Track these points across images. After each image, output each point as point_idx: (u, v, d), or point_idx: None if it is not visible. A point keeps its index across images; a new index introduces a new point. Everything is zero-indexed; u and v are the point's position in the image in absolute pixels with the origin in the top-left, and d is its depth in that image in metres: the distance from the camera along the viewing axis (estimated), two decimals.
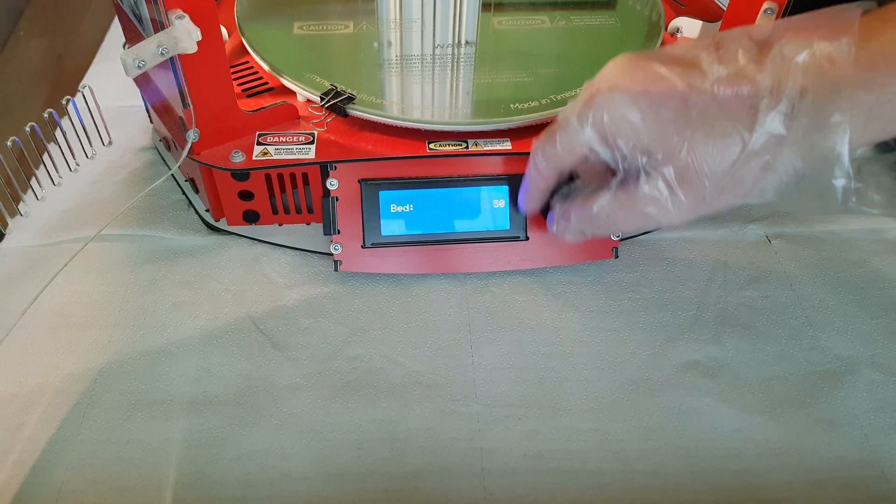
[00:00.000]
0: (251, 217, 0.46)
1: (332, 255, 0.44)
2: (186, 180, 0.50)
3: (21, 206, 0.42)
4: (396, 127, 0.44)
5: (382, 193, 0.44)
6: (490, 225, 0.44)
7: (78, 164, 0.45)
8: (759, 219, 0.50)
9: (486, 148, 0.44)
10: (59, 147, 0.43)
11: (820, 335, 0.43)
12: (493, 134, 0.45)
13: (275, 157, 0.43)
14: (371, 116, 0.44)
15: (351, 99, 0.44)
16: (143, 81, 0.47)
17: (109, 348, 0.41)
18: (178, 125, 0.43)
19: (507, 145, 0.44)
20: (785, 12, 0.41)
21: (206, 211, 0.48)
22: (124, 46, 0.48)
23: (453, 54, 0.50)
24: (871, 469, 0.37)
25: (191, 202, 0.49)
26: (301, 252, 0.47)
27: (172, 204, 0.50)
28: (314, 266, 0.46)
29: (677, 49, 0.34)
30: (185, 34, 0.37)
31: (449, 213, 0.44)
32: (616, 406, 0.40)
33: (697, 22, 0.53)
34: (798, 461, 0.38)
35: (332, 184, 0.43)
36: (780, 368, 0.42)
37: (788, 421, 0.39)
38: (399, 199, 0.44)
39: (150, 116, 0.54)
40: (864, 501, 0.36)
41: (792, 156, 0.31)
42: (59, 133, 0.43)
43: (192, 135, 0.41)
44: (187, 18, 0.36)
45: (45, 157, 0.43)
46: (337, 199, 0.44)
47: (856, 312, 0.45)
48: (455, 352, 0.42)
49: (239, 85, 0.48)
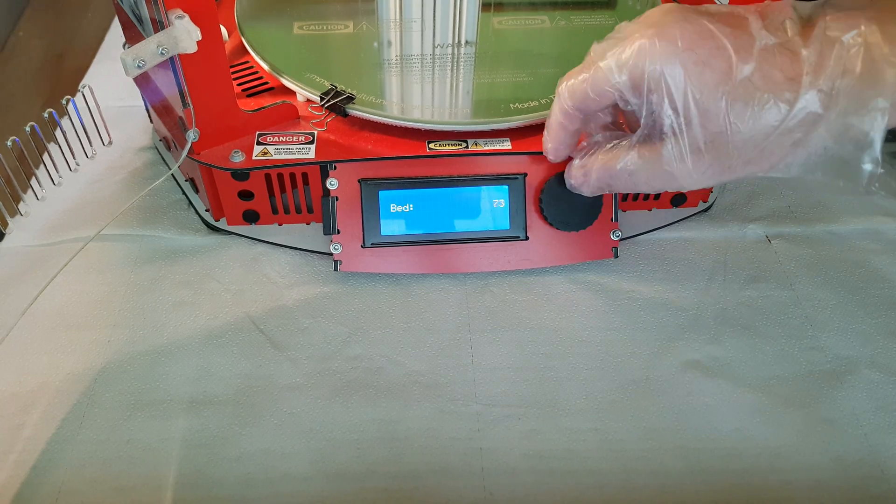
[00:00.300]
0: (251, 217, 0.46)
1: (331, 254, 0.44)
2: (186, 180, 0.50)
3: (21, 206, 0.42)
4: (396, 127, 0.44)
5: (382, 193, 0.44)
6: (490, 225, 0.44)
7: (78, 164, 0.45)
8: (759, 219, 0.50)
9: (485, 148, 0.44)
10: (59, 147, 0.43)
11: (820, 335, 0.43)
12: (493, 134, 0.45)
13: (275, 156, 0.43)
14: (371, 116, 0.44)
15: (351, 99, 0.44)
16: (143, 81, 0.47)
17: (109, 348, 0.41)
18: (178, 125, 0.43)
19: (507, 145, 0.44)
20: None
21: (206, 211, 0.48)
22: (124, 46, 0.48)
23: (453, 54, 0.50)
24: (871, 469, 0.37)
25: (191, 202, 0.49)
26: (301, 252, 0.47)
27: (172, 204, 0.50)
28: (314, 266, 0.46)
29: (723, 8, 0.33)
30: (184, 34, 0.37)
31: (449, 213, 0.44)
32: (616, 406, 0.40)
33: None
34: (798, 461, 0.38)
35: (332, 183, 0.43)
36: (780, 368, 0.42)
37: (788, 421, 0.39)
38: (399, 199, 0.44)
39: (150, 116, 0.54)
40: (864, 501, 0.36)
41: (825, 135, 0.31)
42: (59, 133, 0.43)
43: (192, 134, 0.41)
44: (187, 18, 0.36)
45: (45, 156, 0.43)
46: (337, 199, 0.44)
47: (855, 312, 0.45)
48: (455, 352, 0.42)
49: (239, 85, 0.48)
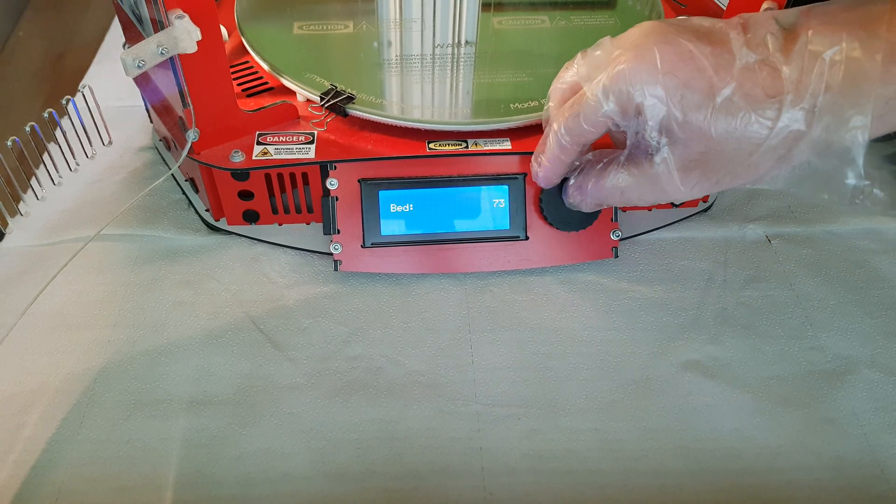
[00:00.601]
0: (251, 217, 0.46)
1: (331, 254, 0.44)
2: (186, 180, 0.50)
3: (21, 206, 0.42)
4: (396, 127, 0.44)
5: (382, 193, 0.44)
6: (490, 225, 0.44)
7: (78, 164, 0.45)
8: (759, 219, 0.50)
9: (485, 148, 0.44)
10: (59, 147, 0.43)
11: (820, 335, 0.43)
12: (493, 134, 0.45)
13: (275, 156, 0.43)
14: (371, 116, 0.44)
15: (351, 99, 0.44)
16: (143, 81, 0.47)
17: (109, 348, 0.41)
18: (178, 125, 0.43)
19: (506, 145, 0.44)
20: None
21: (206, 211, 0.48)
22: (124, 46, 0.48)
23: (453, 54, 0.50)
24: (871, 469, 0.37)
25: (191, 202, 0.49)
26: (301, 252, 0.47)
27: (172, 204, 0.50)
28: (314, 266, 0.46)
29: (705, 22, 0.33)
30: (184, 34, 0.37)
31: (449, 213, 0.44)
32: (616, 406, 0.40)
33: None
34: (798, 461, 0.38)
35: (332, 183, 0.43)
36: (780, 368, 0.42)
37: (788, 420, 0.39)
38: (399, 199, 0.44)
39: (150, 116, 0.54)
40: (864, 501, 0.36)
41: (808, 151, 0.31)
42: (59, 133, 0.43)
43: (192, 134, 0.41)
44: (187, 18, 0.36)
45: (45, 156, 0.43)
46: (337, 199, 0.44)
47: (855, 312, 0.45)
48: (455, 351, 0.42)
49: (239, 85, 0.48)
